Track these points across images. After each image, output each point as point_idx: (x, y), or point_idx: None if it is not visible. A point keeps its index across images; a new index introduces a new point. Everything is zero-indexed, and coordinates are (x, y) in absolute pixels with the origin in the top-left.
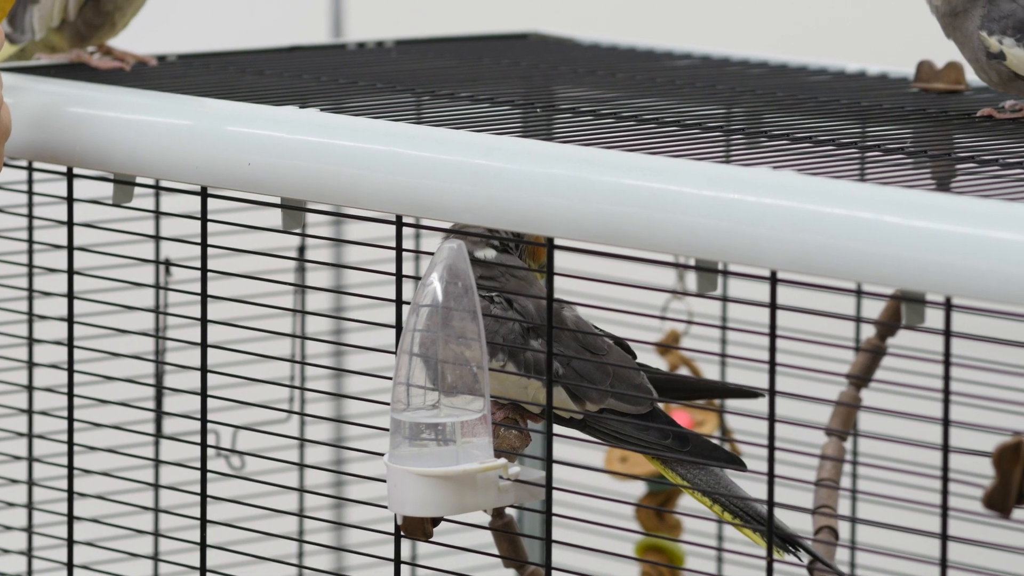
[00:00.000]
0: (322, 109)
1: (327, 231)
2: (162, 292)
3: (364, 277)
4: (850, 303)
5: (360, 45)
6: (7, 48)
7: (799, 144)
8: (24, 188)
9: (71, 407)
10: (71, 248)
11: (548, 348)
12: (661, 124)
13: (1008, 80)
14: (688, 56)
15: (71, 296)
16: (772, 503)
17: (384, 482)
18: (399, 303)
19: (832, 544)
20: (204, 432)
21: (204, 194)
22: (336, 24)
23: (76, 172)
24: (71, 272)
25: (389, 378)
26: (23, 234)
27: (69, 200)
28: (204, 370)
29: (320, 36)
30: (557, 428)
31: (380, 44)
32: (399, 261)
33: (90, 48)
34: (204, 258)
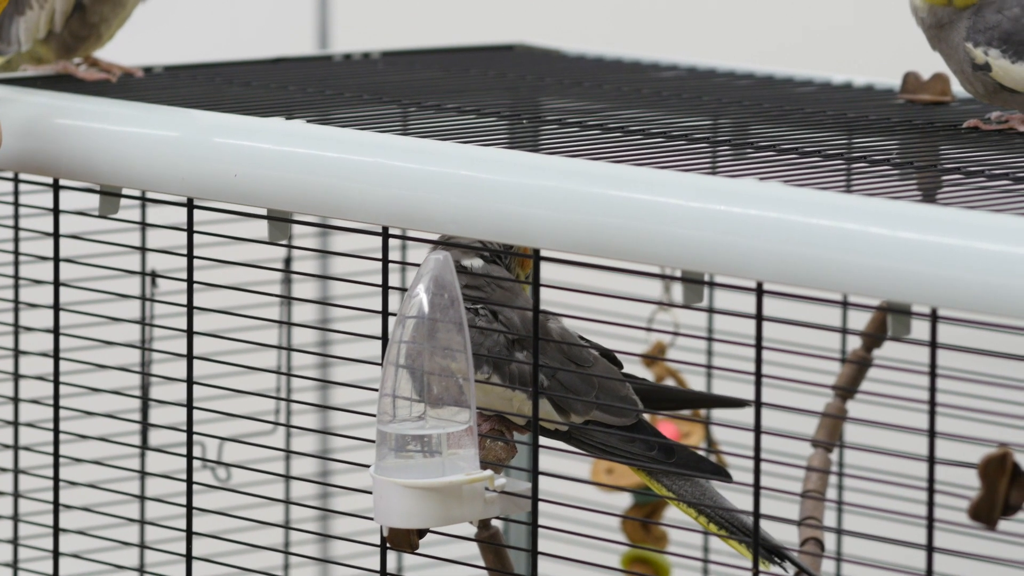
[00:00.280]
0: (308, 120)
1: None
2: (148, 304)
3: (350, 289)
4: (836, 314)
5: (346, 56)
6: None
7: (785, 156)
8: (10, 200)
9: (57, 419)
10: (57, 260)
11: (534, 360)
12: (647, 136)
13: (994, 92)
14: (674, 67)
15: (57, 308)
16: (758, 514)
17: (370, 494)
18: (385, 315)
19: (818, 556)
20: (190, 444)
21: (190, 206)
22: (322, 35)
23: (62, 183)
24: (57, 284)
25: (375, 390)
26: (9, 246)
27: (55, 212)
28: (190, 382)
29: (306, 47)
30: (543, 440)
31: (366, 55)
32: (385, 272)
33: (76, 59)
34: (190, 270)
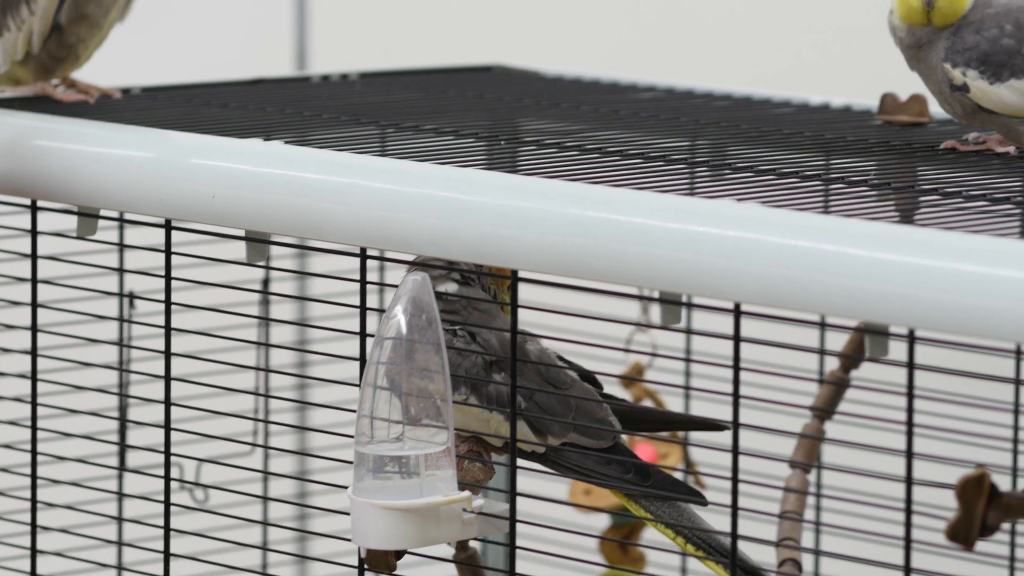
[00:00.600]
0: (286, 142)
1: (291, 264)
2: (126, 325)
3: (328, 310)
4: (814, 335)
5: (324, 78)
6: None
7: (763, 176)
8: None
9: (35, 440)
10: (35, 281)
11: (512, 381)
12: (625, 156)
13: (972, 112)
14: (652, 88)
15: (35, 329)
16: (736, 535)
17: (348, 515)
18: (363, 336)
19: None
20: (168, 465)
21: (168, 227)
22: (300, 57)
23: (40, 205)
24: (35, 305)
25: (353, 411)
26: None
27: (33, 233)
28: (168, 403)
29: (284, 69)
30: (521, 461)
31: (344, 76)
32: (363, 294)
33: (54, 81)
34: (168, 291)
